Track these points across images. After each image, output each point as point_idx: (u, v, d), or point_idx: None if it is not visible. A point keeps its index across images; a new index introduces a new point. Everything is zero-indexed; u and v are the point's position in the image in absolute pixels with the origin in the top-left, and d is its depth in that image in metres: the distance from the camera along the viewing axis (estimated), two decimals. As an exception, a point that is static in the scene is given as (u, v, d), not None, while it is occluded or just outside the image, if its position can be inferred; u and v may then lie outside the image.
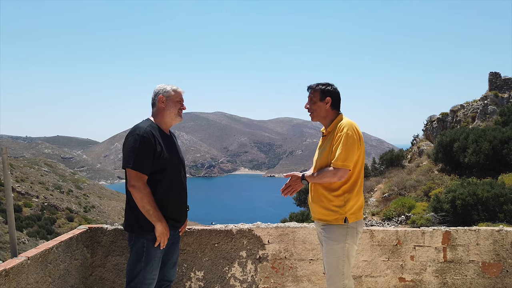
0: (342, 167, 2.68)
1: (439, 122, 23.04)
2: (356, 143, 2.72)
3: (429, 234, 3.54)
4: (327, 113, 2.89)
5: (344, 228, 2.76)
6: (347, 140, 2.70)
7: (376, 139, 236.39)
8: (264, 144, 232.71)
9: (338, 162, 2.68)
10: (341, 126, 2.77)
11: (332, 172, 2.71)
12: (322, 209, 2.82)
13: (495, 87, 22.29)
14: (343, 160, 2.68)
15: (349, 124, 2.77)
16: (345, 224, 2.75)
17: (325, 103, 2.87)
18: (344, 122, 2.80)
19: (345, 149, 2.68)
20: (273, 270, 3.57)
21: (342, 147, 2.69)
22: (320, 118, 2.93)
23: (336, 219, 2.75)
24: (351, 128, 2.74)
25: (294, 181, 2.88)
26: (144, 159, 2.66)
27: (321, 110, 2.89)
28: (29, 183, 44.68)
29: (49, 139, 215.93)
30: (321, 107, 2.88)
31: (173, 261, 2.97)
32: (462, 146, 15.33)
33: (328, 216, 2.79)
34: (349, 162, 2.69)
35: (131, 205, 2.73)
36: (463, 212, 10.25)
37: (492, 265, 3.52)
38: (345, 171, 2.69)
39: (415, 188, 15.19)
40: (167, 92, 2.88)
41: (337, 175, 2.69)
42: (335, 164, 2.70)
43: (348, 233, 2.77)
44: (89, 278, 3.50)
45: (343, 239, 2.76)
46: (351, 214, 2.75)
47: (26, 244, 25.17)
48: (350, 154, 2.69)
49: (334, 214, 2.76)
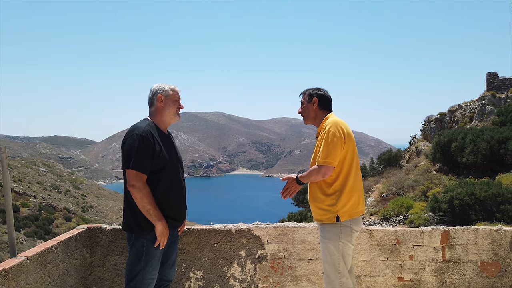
0: (324, 164, 2.76)
1: (437, 122, 23.08)
2: (340, 140, 2.78)
3: (428, 234, 3.55)
4: (315, 113, 3.02)
5: (337, 227, 2.81)
6: (328, 137, 2.78)
7: (374, 139, 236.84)
8: (262, 144, 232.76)
9: (320, 160, 2.78)
10: (325, 124, 2.88)
11: (316, 170, 2.79)
12: (317, 209, 2.89)
13: (493, 87, 22.34)
14: (325, 157, 2.76)
15: (332, 122, 2.85)
16: (338, 223, 2.80)
17: (312, 104, 3.00)
18: (329, 120, 2.90)
19: (326, 147, 2.76)
20: (272, 270, 3.57)
21: (323, 145, 2.78)
22: (310, 119, 3.05)
23: (329, 218, 2.82)
24: (334, 126, 2.82)
25: (291, 183, 2.94)
26: (143, 159, 2.65)
27: (310, 111, 3.03)
28: (27, 183, 44.54)
29: (46, 139, 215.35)
30: (309, 108, 3.03)
31: (172, 261, 2.97)
32: (460, 146, 15.36)
33: (322, 216, 2.85)
34: (331, 159, 2.75)
35: (130, 205, 2.72)
36: (461, 212, 10.27)
37: (491, 265, 3.53)
38: (328, 168, 2.76)
39: (413, 188, 15.22)
40: (165, 91, 2.88)
41: (321, 172, 2.77)
42: (318, 162, 2.80)
43: (341, 231, 2.82)
44: (88, 278, 3.49)
45: (337, 237, 2.81)
46: (343, 212, 2.79)
47: (23, 244, 25.09)
48: (332, 151, 2.75)
49: (327, 213, 2.82)
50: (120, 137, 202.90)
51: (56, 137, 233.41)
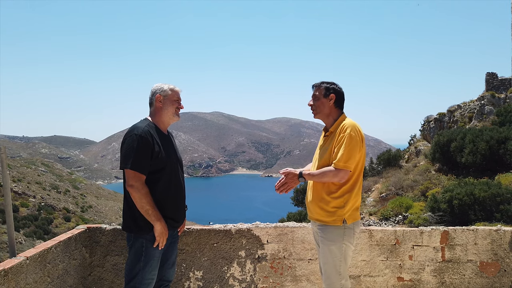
0: (343, 168, 2.67)
1: (436, 122, 23.09)
2: (358, 144, 2.71)
3: (427, 234, 3.55)
4: (330, 110, 2.87)
5: (341, 229, 2.75)
6: (350, 141, 2.68)
7: (374, 139, 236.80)
8: (262, 144, 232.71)
9: (339, 163, 2.67)
10: (344, 126, 2.75)
11: (333, 172, 2.69)
12: (320, 210, 2.80)
13: (492, 88, 22.36)
14: (345, 161, 2.66)
15: (352, 125, 2.75)
16: (343, 225, 2.74)
17: (329, 100, 2.84)
18: (348, 122, 2.78)
19: (347, 150, 2.67)
20: (272, 270, 3.57)
21: (344, 148, 2.67)
22: (323, 115, 2.89)
23: (335, 220, 2.74)
24: (354, 129, 2.73)
25: (291, 178, 2.84)
26: (142, 159, 2.65)
27: (325, 107, 2.86)
28: (26, 183, 44.49)
29: (46, 139, 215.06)
30: (324, 103, 2.85)
31: (171, 261, 2.97)
32: (459, 146, 15.37)
33: (326, 217, 2.77)
34: (350, 163, 2.67)
35: (130, 205, 2.72)
36: (460, 212, 10.27)
37: (490, 265, 3.53)
38: (346, 172, 2.68)
39: (412, 188, 15.22)
40: (164, 91, 2.87)
41: (338, 176, 2.68)
42: (336, 165, 2.68)
43: (345, 233, 2.76)
44: (87, 278, 3.49)
45: (340, 239, 2.76)
46: (349, 215, 2.75)
47: (22, 244, 25.05)
48: (352, 155, 2.68)
49: (332, 215, 2.75)
50: (119, 137, 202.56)
51: (56, 137, 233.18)
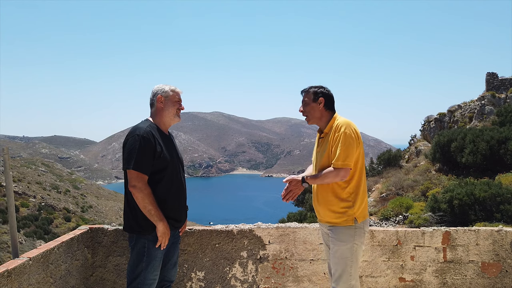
0: (343, 167, 2.68)
1: (437, 122, 23.10)
2: (355, 141, 2.73)
3: (429, 234, 3.55)
4: (321, 114, 2.89)
5: (352, 229, 2.76)
6: (346, 139, 2.70)
7: (374, 139, 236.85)
8: (262, 144, 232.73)
9: (338, 162, 2.69)
10: (339, 125, 2.77)
11: (334, 172, 2.71)
12: (329, 212, 2.81)
13: (492, 88, 22.37)
14: (343, 159, 2.68)
15: (346, 123, 2.77)
16: (354, 225, 2.75)
17: (318, 104, 2.87)
18: (341, 121, 2.80)
19: (344, 149, 2.69)
20: (273, 270, 3.58)
21: (341, 146, 2.69)
22: (315, 119, 2.92)
23: (346, 220, 2.75)
24: (349, 127, 2.75)
25: (295, 185, 2.85)
26: (145, 160, 2.66)
27: (315, 111, 2.89)
28: (26, 183, 44.48)
29: (46, 139, 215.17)
30: (314, 108, 2.88)
31: (173, 261, 2.97)
32: (460, 146, 15.38)
33: (336, 219, 2.77)
34: (349, 161, 2.69)
35: (131, 206, 2.73)
36: (460, 212, 10.28)
37: (492, 265, 3.53)
38: (346, 170, 2.70)
39: (413, 188, 15.23)
40: (165, 92, 2.88)
41: (339, 175, 2.70)
42: (335, 164, 2.70)
43: (356, 233, 2.77)
44: (90, 278, 3.49)
45: (351, 239, 2.76)
46: (359, 214, 2.76)
47: (23, 244, 25.07)
48: (350, 153, 2.69)
49: (342, 216, 2.75)
50: (119, 137, 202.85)
51: (56, 137, 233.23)
